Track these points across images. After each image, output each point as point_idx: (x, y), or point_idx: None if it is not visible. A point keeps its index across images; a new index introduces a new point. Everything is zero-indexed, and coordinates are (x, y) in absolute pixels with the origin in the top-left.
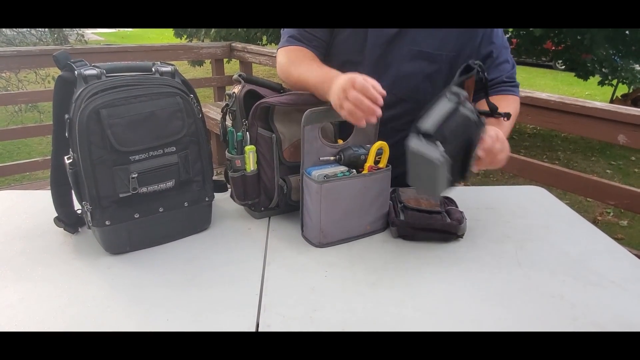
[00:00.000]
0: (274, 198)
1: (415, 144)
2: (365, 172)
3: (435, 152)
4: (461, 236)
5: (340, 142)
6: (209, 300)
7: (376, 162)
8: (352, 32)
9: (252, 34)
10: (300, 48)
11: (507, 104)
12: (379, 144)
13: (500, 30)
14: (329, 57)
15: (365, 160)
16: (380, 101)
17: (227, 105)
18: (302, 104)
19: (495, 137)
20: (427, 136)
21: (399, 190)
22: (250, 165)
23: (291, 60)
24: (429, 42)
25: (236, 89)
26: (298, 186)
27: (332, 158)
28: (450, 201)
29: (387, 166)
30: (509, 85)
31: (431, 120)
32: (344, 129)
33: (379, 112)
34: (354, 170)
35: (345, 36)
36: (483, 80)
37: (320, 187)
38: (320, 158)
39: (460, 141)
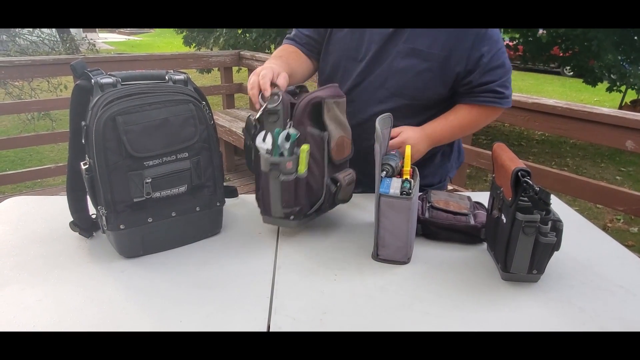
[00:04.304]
0: (319, 199)
1: None
2: (407, 177)
3: None
4: (485, 239)
5: None
6: (220, 303)
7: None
8: (350, 31)
9: (260, 43)
10: (286, 46)
11: (479, 115)
12: (408, 147)
13: (496, 32)
14: (327, 53)
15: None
16: (267, 91)
17: (265, 106)
18: (337, 95)
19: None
20: None
21: (430, 191)
22: (304, 166)
23: (273, 54)
24: (422, 40)
25: (277, 89)
26: (349, 183)
27: (383, 173)
28: (480, 206)
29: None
30: (497, 97)
31: None
32: None
33: (254, 98)
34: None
35: (342, 34)
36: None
37: (410, 202)
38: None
39: None
